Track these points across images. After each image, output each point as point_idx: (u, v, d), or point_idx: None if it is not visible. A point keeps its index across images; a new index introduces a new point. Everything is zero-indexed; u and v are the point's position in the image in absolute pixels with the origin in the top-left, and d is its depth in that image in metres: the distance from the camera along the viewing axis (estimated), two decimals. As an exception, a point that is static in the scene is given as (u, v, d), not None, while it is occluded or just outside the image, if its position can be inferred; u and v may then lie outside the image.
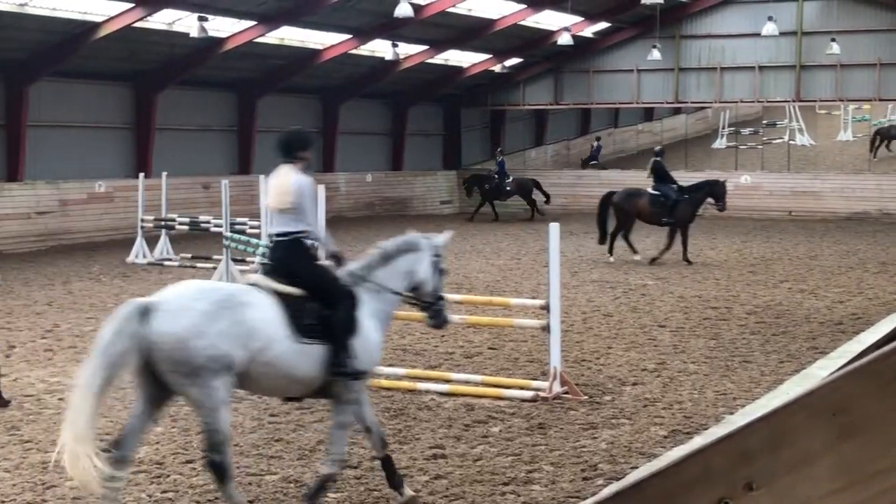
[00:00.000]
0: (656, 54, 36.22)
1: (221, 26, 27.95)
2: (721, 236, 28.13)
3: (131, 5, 24.71)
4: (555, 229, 10.31)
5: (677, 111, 48.49)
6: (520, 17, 33.65)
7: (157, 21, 26.63)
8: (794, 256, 23.79)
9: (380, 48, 33.06)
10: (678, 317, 15.36)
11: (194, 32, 25.94)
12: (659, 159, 23.00)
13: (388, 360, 11.39)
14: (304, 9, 27.96)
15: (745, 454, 1.81)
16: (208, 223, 21.87)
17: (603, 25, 37.63)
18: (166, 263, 21.93)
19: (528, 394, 10.28)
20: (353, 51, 32.13)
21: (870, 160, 40.75)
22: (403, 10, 26.92)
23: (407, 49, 33.98)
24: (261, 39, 28.95)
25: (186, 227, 22.96)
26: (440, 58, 36.23)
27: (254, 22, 28.09)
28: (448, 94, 40.29)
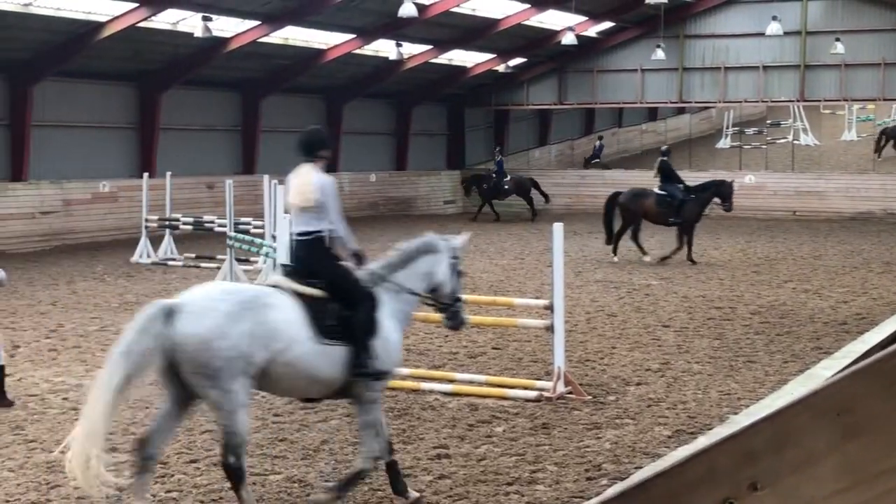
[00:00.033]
0: (660, 54, 36.21)
1: (225, 26, 27.97)
2: (725, 236, 28.09)
3: (135, 5, 24.72)
4: (558, 229, 10.30)
5: (681, 111, 48.43)
6: (524, 17, 33.63)
7: (162, 21, 26.65)
8: (799, 256, 23.77)
9: (384, 48, 33.06)
10: (682, 317, 15.35)
11: (198, 32, 25.95)
12: (666, 159, 22.99)
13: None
14: (308, 9, 27.97)
15: (750, 454, 1.81)
16: (212, 223, 21.92)
17: (607, 25, 37.60)
18: (170, 263, 21.96)
19: (532, 394, 10.28)
20: (357, 50, 32.14)
21: (874, 160, 40.69)
22: (407, 10, 26.92)
23: (411, 49, 33.98)
24: (265, 39, 28.97)
25: (190, 227, 23.02)
26: (444, 58, 36.22)
27: (258, 22, 28.11)
28: (452, 94, 40.28)
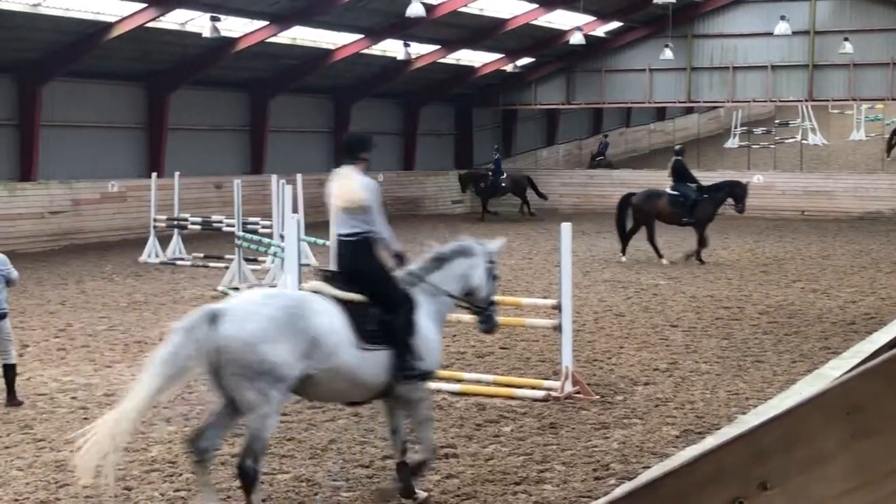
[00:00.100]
0: (668, 54, 36.15)
1: (234, 26, 28.00)
2: (733, 236, 28.04)
3: (144, 5, 24.77)
4: (566, 229, 10.30)
5: (689, 111, 48.41)
6: (532, 17, 33.61)
7: (170, 21, 26.70)
8: (807, 256, 23.71)
9: (392, 48, 33.07)
10: (690, 316, 15.32)
11: (207, 32, 26.00)
12: (680, 158, 22.97)
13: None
14: (317, 9, 27.99)
15: (759, 454, 1.81)
16: (221, 223, 21.95)
17: (615, 25, 37.56)
18: (179, 263, 22.00)
19: (540, 393, 10.27)
20: (365, 50, 32.15)
21: (883, 160, 40.59)
22: (415, 10, 26.93)
23: (419, 49, 33.98)
24: (273, 39, 29.00)
25: (199, 227, 23.04)
26: (452, 57, 36.22)
27: (266, 22, 28.14)
28: (460, 94, 40.27)
